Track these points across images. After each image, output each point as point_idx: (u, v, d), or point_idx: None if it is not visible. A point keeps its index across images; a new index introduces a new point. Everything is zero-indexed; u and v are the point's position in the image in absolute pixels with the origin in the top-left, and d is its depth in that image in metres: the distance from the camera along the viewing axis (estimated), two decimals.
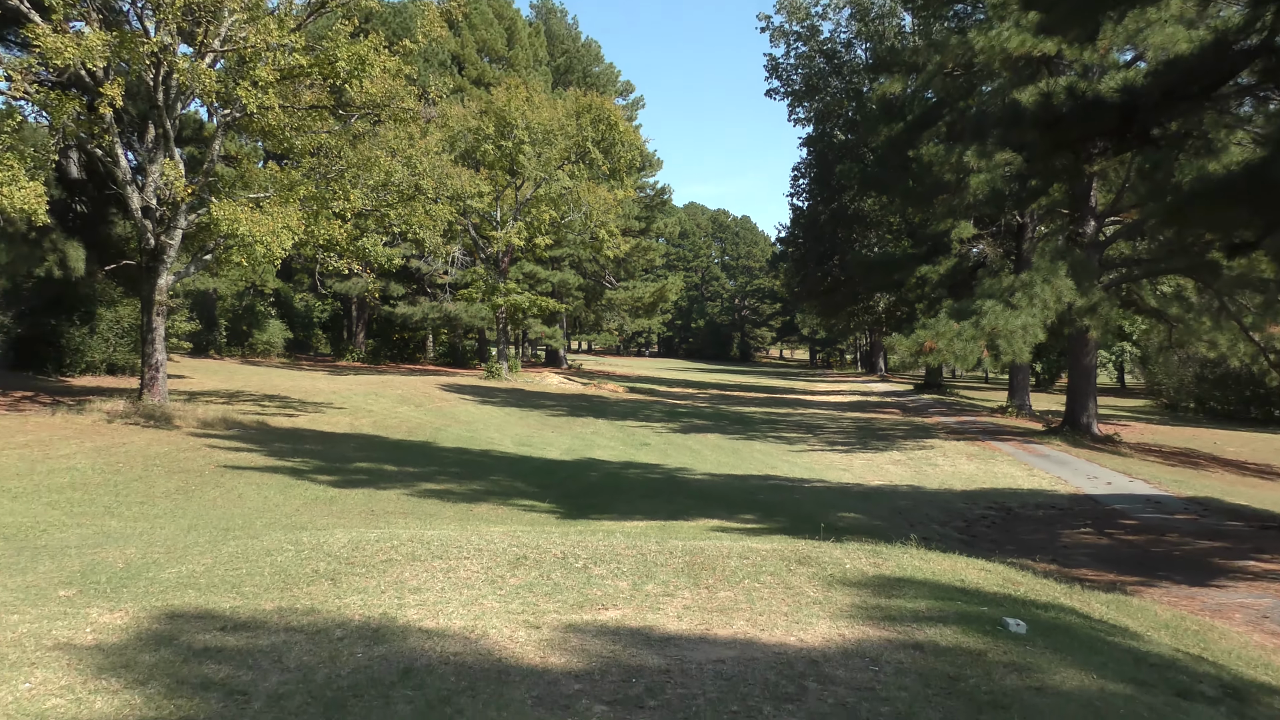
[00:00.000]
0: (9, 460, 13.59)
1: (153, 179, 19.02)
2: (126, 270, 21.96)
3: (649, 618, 5.46)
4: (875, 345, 72.37)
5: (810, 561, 6.87)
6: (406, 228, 23.88)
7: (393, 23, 38.81)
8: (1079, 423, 26.07)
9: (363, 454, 17.34)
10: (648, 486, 15.59)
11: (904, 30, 46.15)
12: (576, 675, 4.45)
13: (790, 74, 54.48)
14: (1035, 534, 13.08)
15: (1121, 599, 8.16)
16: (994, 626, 5.48)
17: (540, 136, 37.41)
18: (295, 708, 3.95)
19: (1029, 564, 9.74)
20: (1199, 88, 11.66)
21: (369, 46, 18.51)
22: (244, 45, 17.81)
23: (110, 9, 18.84)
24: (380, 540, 7.15)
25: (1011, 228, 32.87)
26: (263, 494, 12.88)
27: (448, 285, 43.40)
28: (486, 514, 12.22)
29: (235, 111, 19.12)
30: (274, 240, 17.45)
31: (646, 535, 8.72)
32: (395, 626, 5.10)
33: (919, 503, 15.46)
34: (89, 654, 4.52)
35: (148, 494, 12.46)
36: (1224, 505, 15.89)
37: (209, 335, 38.86)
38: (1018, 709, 4.21)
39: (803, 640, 5.13)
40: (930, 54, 26.05)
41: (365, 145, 20.70)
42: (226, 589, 5.78)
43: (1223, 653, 6.71)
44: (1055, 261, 18.25)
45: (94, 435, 15.90)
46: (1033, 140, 13.29)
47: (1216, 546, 12.12)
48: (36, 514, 10.44)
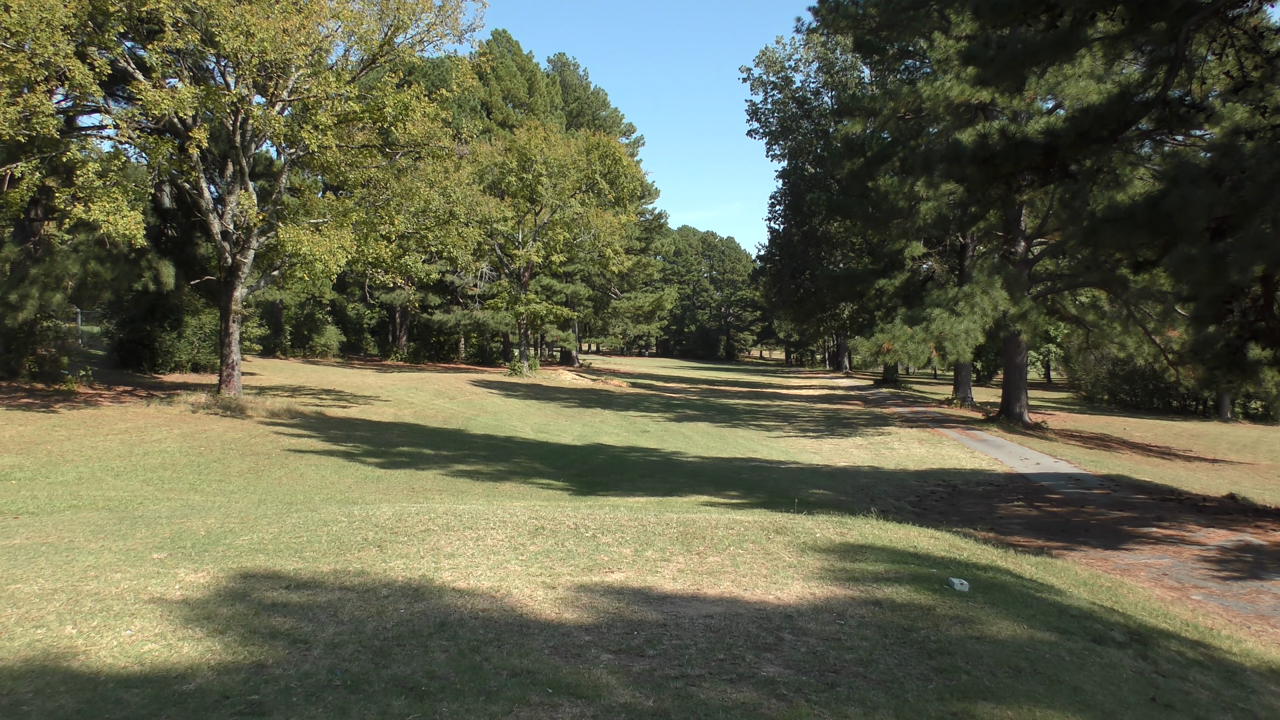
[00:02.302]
0: (112, 444, 13.61)
1: (230, 208, 19.03)
2: (208, 284, 21.98)
3: (649, 579, 5.46)
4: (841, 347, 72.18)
5: (786, 531, 6.86)
6: (442, 247, 23.86)
7: (432, 75, 38.75)
8: (1013, 412, 26.04)
9: (405, 440, 17.33)
10: (647, 467, 15.56)
11: (864, 81, 46.02)
12: (587, 628, 4.45)
13: (768, 117, 54.46)
14: (976, 507, 13.06)
15: (1047, 561, 8.15)
16: (941, 585, 5.47)
17: (556, 170, 37.38)
18: (349, 654, 3.95)
19: (971, 532, 9.73)
20: (1108, 131, 11.64)
21: (412, 95, 18.51)
22: (307, 95, 17.82)
23: (199, 67, 18.89)
24: (420, 513, 7.14)
25: (955, 247, 32.81)
26: (320, 473, 12.87)
27: (477, 296, 43.31)
28: (510, 491, 12.20)
29: (299, 150, 19.12)
30: (331, 258, 17.48)
31: (646, 509, 8.71)
32: (433, 586, 5.10)
33: (878, 481, 15.42)
34: (177, 607, 4.53)
35: (225, 473, 12.46)
36: (1132, 481, 15.87)
37: (276, 339, 38.85)
38: (961, 655, 4.21)
39: (780, 598, 5.12)
40: (885, 101, 26.03)
41: (408, 178, 20.69)
42: (290, 554, 5.79)
43: (1130, 605, 6.70)
44: (992, 276, 18.27)
45: (181, 423, 15.91)
46: (972, 174, 13.24)
47: (1125, 516, 12.11)
48: (134, 489, 10.46)
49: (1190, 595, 7.79)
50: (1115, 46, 11.65)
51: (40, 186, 16.32)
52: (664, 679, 3.79)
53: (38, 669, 3.70)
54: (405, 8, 18.39)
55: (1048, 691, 3.91)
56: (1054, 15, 10.80)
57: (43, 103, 14.58)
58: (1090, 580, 7.60)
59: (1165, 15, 10.13)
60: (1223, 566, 9.05)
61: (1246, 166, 9.96)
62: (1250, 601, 7.68)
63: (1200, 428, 28.19)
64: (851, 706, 3.56)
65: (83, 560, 5.49)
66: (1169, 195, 10.19)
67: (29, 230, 19.56)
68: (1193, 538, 10.55)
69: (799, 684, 3.78)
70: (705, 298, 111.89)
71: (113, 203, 15.32)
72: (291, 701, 3.43)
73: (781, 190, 57.14)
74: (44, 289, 18.26)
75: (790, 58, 53.33)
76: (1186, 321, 18.40)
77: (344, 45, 19.50)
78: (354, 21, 18.03)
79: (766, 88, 54.11)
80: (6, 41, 14.34)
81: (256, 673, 3.71)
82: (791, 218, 52.72)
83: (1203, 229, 10.18)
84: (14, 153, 15.84)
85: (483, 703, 3.45)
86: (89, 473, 11.56)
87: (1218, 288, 10.58)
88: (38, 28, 14.07)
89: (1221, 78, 12.18)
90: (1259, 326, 11.77)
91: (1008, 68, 11.43)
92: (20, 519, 7.80)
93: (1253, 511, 12.82)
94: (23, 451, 12.57)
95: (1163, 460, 20.53)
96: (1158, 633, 5.60)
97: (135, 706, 3.36)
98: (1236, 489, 15.29)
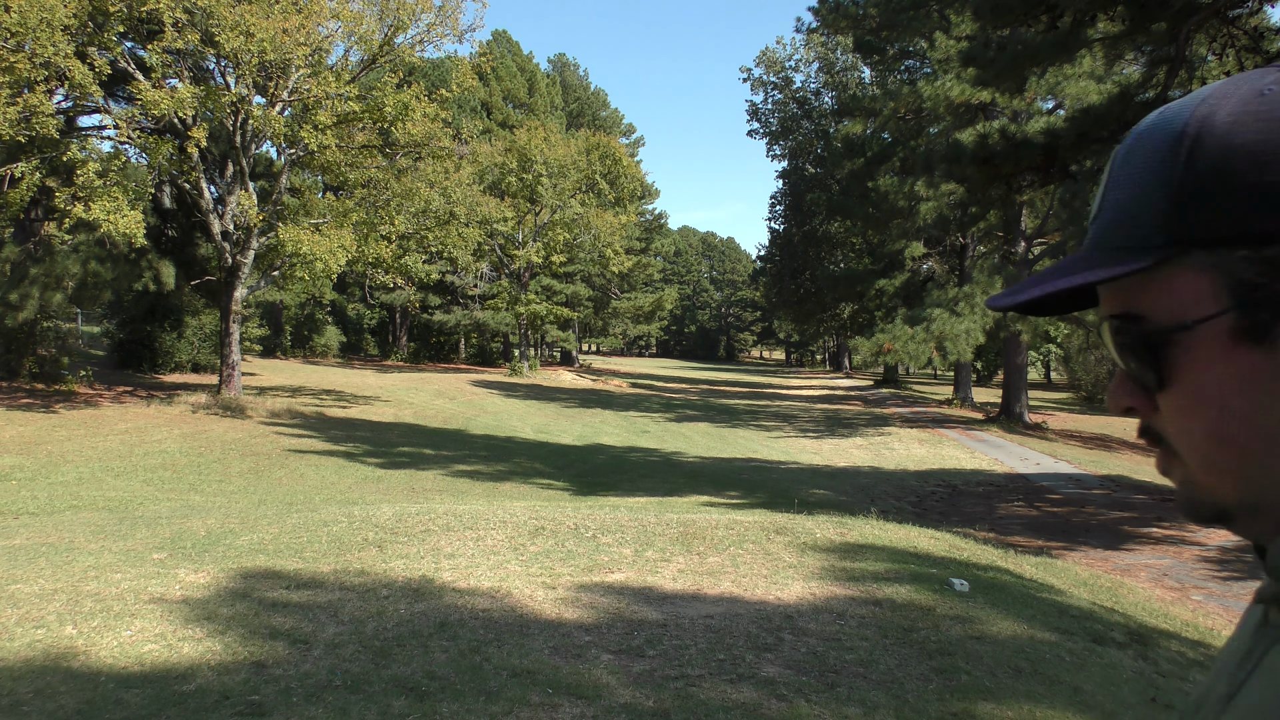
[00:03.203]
0: (113, 444, 13.61)
1: (231, 208, 19.03)
2: (208, 284, 21.97)
3: (649, 579, 5.45)
4: (841, 347, 72.14)
5: (786, 531, 6.86)
6: (442, 248, 23.86)
7: (432, 75, 38.75)
8: (1013, 412, 26.03)
9: (405, 440, 17.32)
10: (647, 467, 15.55)
11: (864, 81, 46.02)
12: (587, 629, 4.44)
13: (768, 118, 54.44)
14: (976, 507, 13.06)
15: (1048, 561, 8.15)
16: (941, 586, 5.47)
17: (556, 170, 37.40)
18: (349, 655, 3.95)
19: (971, 533, 9.73)
20: (1108, 131, 11.65)
21: (411, 95, 18.50)
22: (307, 95, 17.82)
23: (198, 67, 18.89)
24: (420, 513, 7.14)
25: (955, 247, 32.82)
26: (321, 474, 12.87)
27: (477, 296, 43.30)
28: (510, 491, 12.20)
29: (299, 151, 19.12)
30: (331, 258, 17.47)
31: (646, 509, 8.70)
32: (433, 586, 5.10)
33: (878, 481, 15.41)
34: (178, 607, 4.53)
35: (225, 473, 12.46)
36: (1132, 482, 15.87)
37: (276, 339, 38.84)
38: (961, 655, 4.21)
39: (780, 598, 5.12)
40: (886, 101, 26.04)
41: (408, 178, 20.68)
42: (291, 554, 5.78)
43: (1130, 605, 6.70)
44: (992, 276, 18.25)
45: (181, 424, 15.91)
46: (972, 174, 13.24)
47: (1125, 516, 12.11)
48: (134, 489, 10.46)
49: (1190, 595, 7.79)
50: (1115, 47, 11.66)
51: (40, 186, 16.33)
52: (664, 679, 3.79)
53: (38, 669, 3.70)
54: (405, 8, 18.39)
55: (1048, 691, 3.91)
56: (1054, 16, 10.81)
57: (43, 103, 14.58)
58: (1090, 580, 7.60)
59: (1166, 15, 10.13)
60: (1223, 567, 9.05)
61: None
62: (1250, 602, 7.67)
63: None
64: (851, 707, 3.56)
65: (83, 560, 5.49)
66: None
67: (29, 230, 19.56)
68: (1193, 538, 10.55)
69: (799, 684, 3.77)
70: (705, 298, 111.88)
71: (113, 202, 15.32)
72: (292, 702, 3.43)
73: (781, 190, 57.13)
74: (44, 289, 18.26)
75: (790, 58, 53.39)
76: None
77: (344, 45, 19.52)
78: (354, 22, 18.03)
79: (767, 88, 54.11)
80: (6, 42, 14.34)
81: (256, 673, 3.71)
82: (792, 218, 52.71)
83: None
84: (14, 153, 15.84)
85: (483, 703, 3.45)
86: (89, 473, 11.56)
87: None
88: (38, 28, 14.07)
89: (1222, 78, 12.16)
90: None
91: (1008, 68, 11.44)
92: (20, 519, 7.80)
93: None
94: (23, 452, 12.57)
95: None
96: (1158, 633, 5.60)
97: (135, 707, 3.36)
98: None
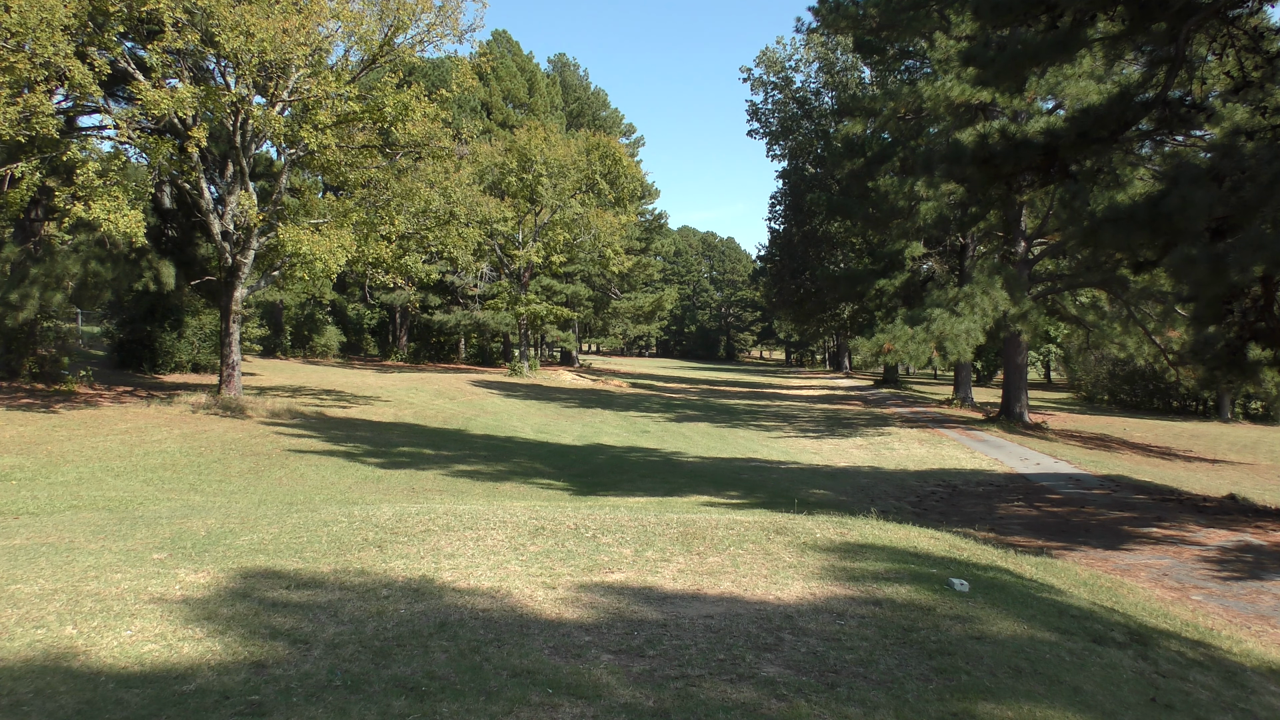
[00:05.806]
0: (112, 444, 13.61)
1: (231, 208, 19.04)
2: (208, 284, 21.98)
3: (649, 579, 5.45)
4: (841, 347, 72.18)
5: (786, 531, 6.85)
6: (442, 247, 23.86)
7: (432, 75, 38.76)
8: (1013, 412, 26.04)
9: (405, 440, 17.33)
10: (647, 468, 15.56)
11: (864, 81, 46.03)
12: (587, 628, 4.44)
13: (768, 118, 54.45)
14: (976, 507, 13.06)
15: (1048, 561, 8.15)
16: (941, 585, 5.47)
17: (556, 170, 37.40)
18: (349, 655, 3.95)
19: (971, 532, 9.73)
20: (1108, 132, 11.64)
21: (411, 95, 18.51)
22: (307, 95, 17.82)
23: (199, 67, 18.89)
24: (420, 513, 7.14)
25: (955, 247, 32.83)
26: (321, 474, 12.87)
27: (477, 296, 43.31)
28: (510, 491, 12.20)
29: (299, 151, 19.13)
30: (331, 258, 17.47)
31: (646, 509, 8.71)
32: (433, 586, 5.10)
33: (878, 481, 15.41)
34: (178, 607, 4.53)
35: (225, 473, 12.46)
36: (1132, 481, 15.87)
37: (276, 339, 38.83)
38: (961, 655, 4.21)
39: (780, 598, 5.12)
40: (886, 101, 26.05)
41: (408, 178, 20.69)
42: (291, 554, 5.78)
43: (1130, 605, 6.70)
44: (992, 276, 18.26)
45: (181, 423, 15.91)
46: (972, 174, 13.24)
47: (1125, 516, 12.11)
48: (134, 489, 10.46)
49: (1190, 595, 7.79)
50: (1115, 47, 11.66)
51: (40, 186, 16.34)
52: (664, 679, 3.79)
53: (38, 669, 3.70)
54: (405, 8, 18.38)
55: (1048, 691, 3.91)
56: (1054, 16, 10.81)
57: (43, 103, 14.58)
58: (1090, 580, 7.60)
59: (1165, 15, 10.14)
60: (1223, 567, 9.05)
61: (1247, 167, 9.96)
62: (1250, 602, 7.68)
63: (1200, 428, 28.19)
64: (851, 706, 3.56)
65: (83, 560, 5.49)
66: (1169, 195, 10.20)
67: (29, 230, 19.57)
68: (1193, 538, 10.55)
69: (799, 684, 3.77)
70: (705, 298, 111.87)
71: (113, 201, 15.33)
72: (292, 701, 3.43)
73: (782, 190, 57.17)
74: (44, 289, 18.26)
75: (790, 58, 53.36)
76: (1186, 322, 18.41)
77: (344, 45, 19.55)
78: (354, 22, 18.03)
79: (767, 88, 54.11)
80: (6, 42, 14.34)
81: (257, 673, 3.71)
82: (792, 218, 52.72)
83: (1203, 229, 10.19)
84: (14, 153, 15.85)
85: (483, 703, 3.45)
86: (89, 473, 11.56)
87: (1218, 288, 10.57)
88: (38, 28, 14.08)
89: (1222, 78, 12.19)
90: (1259, 327, 11.77)
91: (1008, 68, 11.44)
92: (20, 519, 7.80)
93: (1253, 512, 12.82)
94: (23, 452, 12.57)
95: (1163, 460, 20.52)
96: (1158, 633, 5.60)
97: (135, 706, 3.36)
98: (1236, 489, 15.29)
